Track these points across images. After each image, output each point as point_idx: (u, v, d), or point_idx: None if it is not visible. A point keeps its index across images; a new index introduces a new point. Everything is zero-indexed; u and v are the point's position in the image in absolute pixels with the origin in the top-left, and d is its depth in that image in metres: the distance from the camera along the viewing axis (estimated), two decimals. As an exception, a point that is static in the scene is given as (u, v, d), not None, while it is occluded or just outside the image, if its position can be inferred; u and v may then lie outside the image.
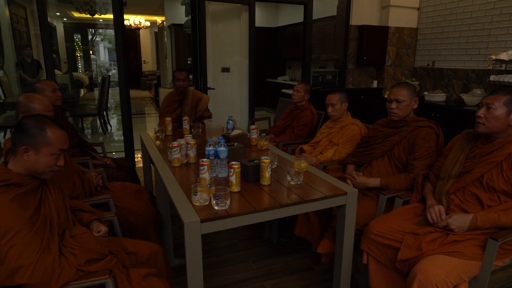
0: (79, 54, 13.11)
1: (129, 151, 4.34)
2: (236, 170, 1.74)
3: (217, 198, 1.56)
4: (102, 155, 3.08)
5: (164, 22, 8.87)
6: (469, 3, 4.32)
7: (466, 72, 4.43)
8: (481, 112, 1.73)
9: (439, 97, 4.45)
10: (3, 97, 5.39)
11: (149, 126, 7.37)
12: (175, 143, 2.15)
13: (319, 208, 1.78)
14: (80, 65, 13.11)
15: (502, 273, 2.23)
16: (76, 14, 10.32)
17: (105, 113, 6.61)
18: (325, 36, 6.53)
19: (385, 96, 4.71)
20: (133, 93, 12.54)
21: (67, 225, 1.44)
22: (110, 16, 3.95)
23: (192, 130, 3.08)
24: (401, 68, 5.19)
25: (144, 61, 13.88)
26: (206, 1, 4.05)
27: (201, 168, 1.80)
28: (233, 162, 1.75)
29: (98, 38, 15.05)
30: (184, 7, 6.35)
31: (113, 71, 16.34)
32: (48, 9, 9.20)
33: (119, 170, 2.88)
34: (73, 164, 2.09)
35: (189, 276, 1.52)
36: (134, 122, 8.26)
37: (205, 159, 1.83)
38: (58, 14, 10.31)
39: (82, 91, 7.41)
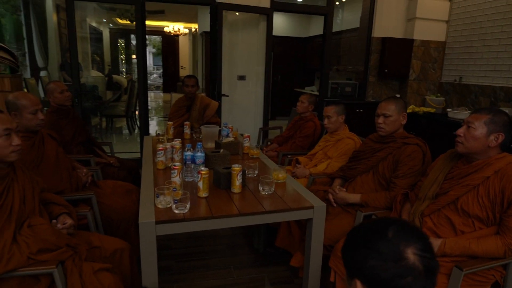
0: (122, 58, 13.85)
1: (145, 152, 4.50)
2: (203, 176, 1.76)
3: (175, 201, 1.59)
4: (110, 154, 3.25)
5: (197, 30, 9.16)
6: (500, 17, 4.06)
7: (494, 89, 4.15)
8: (461, 130, 1.63)
9: (462, 114, 4.20)
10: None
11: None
12: (160, 146, 2.22)
13: (282, 220, 1.76)
14: (124, 68, 13.86)
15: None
16: (120, 21, 10.95)
17: (133, 115, 6.92)
18: (352, 48, 6.41)
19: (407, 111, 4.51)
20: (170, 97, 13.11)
21: (32, 215, 1.54)
22: (150, 22, 4.13)
23: (193, 135, 3.15)
24: (426, 83, 4.96)
25: (181, 66, 14.35)
26: (223, 10, 4.15)
27: (172, 171, 1.84)
28: (202, 168, 1.78)
29: (143, 43, 15.73)
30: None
31: (154, 75, 17.09)
32: (95, 15, 9.74)
33: (120, 170, 3.01)
34: (65, 159, 2.22)
35: (144, 277, 1.56)
36: (165, 124, 8.55)
37: (177, 163, 1.87)
38: (104, 20, 10.99)
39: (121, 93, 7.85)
